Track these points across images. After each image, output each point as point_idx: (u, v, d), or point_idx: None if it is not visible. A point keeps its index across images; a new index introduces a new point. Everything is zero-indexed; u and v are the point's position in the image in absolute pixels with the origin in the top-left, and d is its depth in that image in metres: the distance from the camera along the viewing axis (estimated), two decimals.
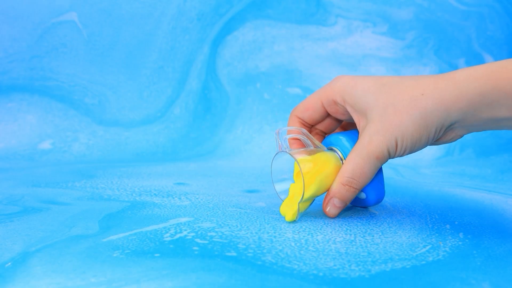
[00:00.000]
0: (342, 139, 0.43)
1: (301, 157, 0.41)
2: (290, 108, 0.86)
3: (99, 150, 0.80)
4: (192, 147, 0.84)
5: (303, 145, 0.45)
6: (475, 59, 0.90)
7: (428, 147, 0.85)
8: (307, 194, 0.41)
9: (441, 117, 0.37)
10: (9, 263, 0.32)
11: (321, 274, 0.31)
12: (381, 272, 0.32)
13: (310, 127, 0.46)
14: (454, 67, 0.89)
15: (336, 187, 0.41)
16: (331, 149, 0.44)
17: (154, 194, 0.53)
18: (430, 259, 0.35)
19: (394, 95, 0.38)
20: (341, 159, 0.43)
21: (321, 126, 0.46)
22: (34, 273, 0.30)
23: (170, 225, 0.41)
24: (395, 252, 0.36)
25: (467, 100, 0.36)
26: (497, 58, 0.89)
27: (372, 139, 0.39)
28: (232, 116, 0.88)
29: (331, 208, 0.42)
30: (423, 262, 0.34)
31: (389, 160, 0.82)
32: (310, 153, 0.42)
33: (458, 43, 0.90)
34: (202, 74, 0.89)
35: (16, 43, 0.83)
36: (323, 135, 0.47)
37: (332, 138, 0.45)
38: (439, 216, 0.47)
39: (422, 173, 0.74)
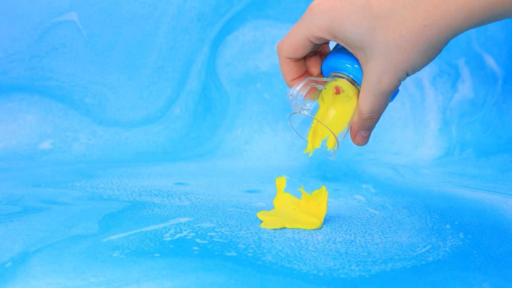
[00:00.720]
0: (344, 63, 0.41)
1: (319, 113, 0.42)
2: (290, 108, 0.86)
3: (99, 150, 0.80)
4: (192, 147, 0.84)
5: (315, 89, 0.43)
6: (475, 59, 0.90)
7: (428, 147, 0.85)
8: (338, 134, 0.41)
9: (449, 38, 0.35)
10: (9, 263, 0.32)
11: (321, 274, 0.31)
12: (381, 272, 0.32)
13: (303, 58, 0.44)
14: (454, 67, 0.89)
15: (359, 123, 0.41)
16: (339, 76, 0.42)
17: (154, 194, 0.53)
18: (430, 259, 0.35)
19: (392, 31, 0.36)
20: (352, 82, 0.41)
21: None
22: (34, 273, 0.30)
23: (170, 225, 0.41)
24: (395, 252, 0.36)
25: (476, 19, 0.34)
26: (497, 58, 0.89)
27: (381, 79, 0.37)
28: (232, 116, 0.88)
29: (360, 139, 0.42)
30: (423, 262, 0.34)
31: (389, 160, 0.82)
32: (324, 96, 0.42)
33: (458, 43, 0.90)
34: (202, 74, 0.89)
35: (16, 43, 0.83)
36: (317, 53, 0.44)
37: (332, 62, 0.42)
38: (439, 216, 0.47)
39: (422, 173, 0.74)
